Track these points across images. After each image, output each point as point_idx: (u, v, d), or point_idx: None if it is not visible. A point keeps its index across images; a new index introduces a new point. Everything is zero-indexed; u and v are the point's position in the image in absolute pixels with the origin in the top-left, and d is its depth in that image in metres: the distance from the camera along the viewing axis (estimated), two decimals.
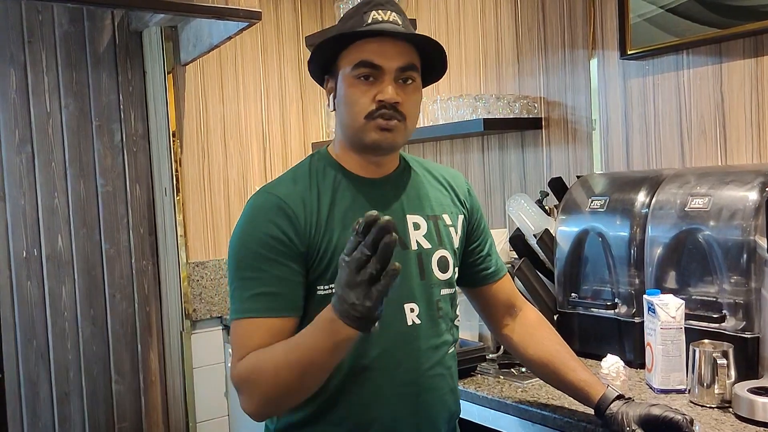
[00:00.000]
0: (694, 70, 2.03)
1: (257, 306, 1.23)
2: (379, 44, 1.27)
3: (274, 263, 1.24)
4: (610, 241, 1.89)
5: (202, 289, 2.96)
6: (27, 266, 2.73)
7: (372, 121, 1.27)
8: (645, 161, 2.17)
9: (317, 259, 1.26)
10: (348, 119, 1.30)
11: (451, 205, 1.44)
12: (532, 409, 1.60)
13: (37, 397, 2.76)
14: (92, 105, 2.85)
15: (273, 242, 1.24)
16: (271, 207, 1.27)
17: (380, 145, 1.29)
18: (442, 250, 1.38)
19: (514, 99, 2.47)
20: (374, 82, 1.27)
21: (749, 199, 1.61)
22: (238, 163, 3.11)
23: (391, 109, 1.27)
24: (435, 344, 1.35)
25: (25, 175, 2.73)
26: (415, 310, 1.32)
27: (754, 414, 1.41)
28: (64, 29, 2.79)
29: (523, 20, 2.53)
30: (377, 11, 1.29)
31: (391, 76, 1.27)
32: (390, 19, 1.29)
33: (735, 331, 1.61)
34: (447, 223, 1.41)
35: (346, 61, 1.29)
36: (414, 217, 1.37)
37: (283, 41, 3.22)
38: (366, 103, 1.27)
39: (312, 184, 1.31)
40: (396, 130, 1.29)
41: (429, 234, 1.37)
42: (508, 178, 2.64)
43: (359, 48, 1.28)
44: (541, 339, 1.51)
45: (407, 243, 1.34)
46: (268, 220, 1.25)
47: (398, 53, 1.28)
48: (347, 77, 1.29)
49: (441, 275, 1.37)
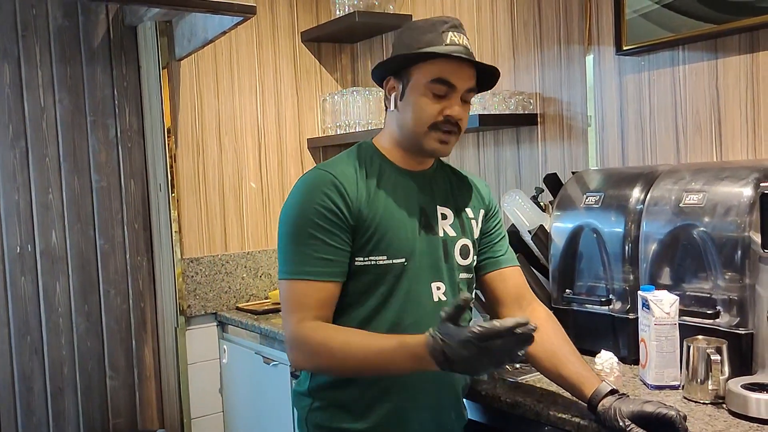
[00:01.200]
0: (689, 65, 2.03)
1: (314, 270, 1.41)
2: (457, 67, 1.44)
3: (327, 233, 1.41)
4: (604, 237, 1.89)
5: (196, 285, 2.96)
6: (21, 262, 2.72)
7: (434, 132, 1.46)
8: (640, 157, 2.17)
9: (361, 233, 1.43)
10: (412, 123, 1.47)
11: (474, 201, 1.63)
12: (527, 404, 1.60)
13: (31, 392, 2.75)
14: (87, 100, 2.84)
15: (328, 213, 1.41)
16: (325, 182, 1.43)
17: (436, 153, 1.51)
18: (465, 239, 1.57)
19: (510, 95, 2.46)
20: (443, 98, 1.44)
21: (744, 195, 1.61)
22: (233, 159, 3.10)
23: (454, 125, 1.46)
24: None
25: (19, 170, 2.71)
26: (441, 288, 1.50)
27: (747, 410, 1.41)
28: (58, 23, 2.77)
29: (519, 16, 2.53)
30: (454, 33, 1.45)
31: (459, 95, 1.45)
32: (464, 44, 1.46)
33: (729, 327, 1.61)
34: (470, 216, 1.60)
35: (423, 72, 1.44)
36: (443, 209, 1.56)
37: (278, 36, 3.21)
38: (433, 114, 1.44)
39: (360, 167, 1.49)
40: (450, 142, 1.48)
41: (454, 224, 1.56)
42: (504, 174, 2.63)
43: (439, 65, 1.43)
44: (547, 333, 1.54)
45: (436, 230, 1.52)
46: (324, 194, 1.42)
47: (469, 76, 1.47)
48: (421, 86, 1.44)
49: (462, 261, 1.55)
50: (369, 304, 1.46)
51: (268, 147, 3.19)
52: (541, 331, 1.54)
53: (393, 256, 1.45)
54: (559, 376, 1.50)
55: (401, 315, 1.45)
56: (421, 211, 1.51)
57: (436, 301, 1.49)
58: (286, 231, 1.45)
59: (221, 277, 3.03)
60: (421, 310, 1.47)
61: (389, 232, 1.45)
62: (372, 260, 1.44)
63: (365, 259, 1.44)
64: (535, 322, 1.57)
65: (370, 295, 1.45)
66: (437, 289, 1.50)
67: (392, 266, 1.45)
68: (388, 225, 1.45)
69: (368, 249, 1.44)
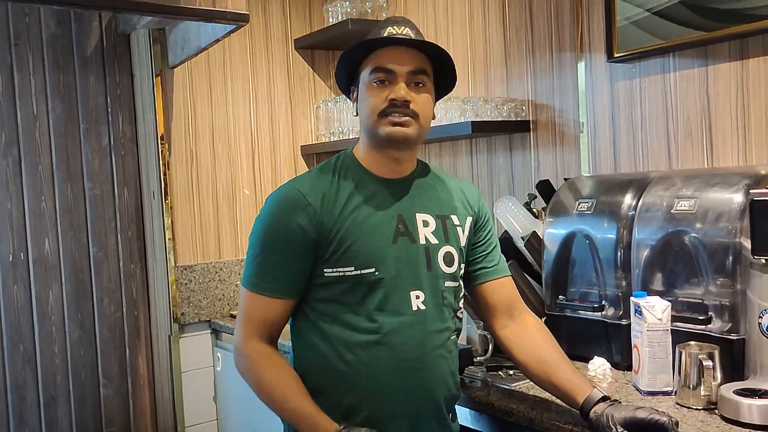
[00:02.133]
0: (680, 72, 2.04)
1: (264, 285, 1.46)
2: (392, 52, 1.45)
3: (287, 250, 1.44)
4: (597, 244, 1.90)
5: (190, 293, 2.95)
6: (14, 270, 2.71)
7: (384, 118, 1.44)
8: (632, 163, 2.18)
9: (328, 242, 1.44)
10: (364, 118, 1.48)
11: (460, 208, 1.59)
12: (520, 411, 1.60)
13: (24, 401, 2.74)
14: (80, 108, 2.83)
15: (289, 233, 1.44)
16: (292, 199, 1.46)
17: (392, 137, 1.45)
18: (449, 246, 1.53)
19: (502, 102, 2.47)
20: (388, 85, 1.44)
21: (735, 201, 1.62)
22: (226, 167, 3.10)
23: (402, 106, 1.43)
24: (439, 328, 1.50)
25: (11, 178, 2.71)
26: (420, 297, 1.48)
27: (739, 416, 1.41)
28: (51, 31, 2.77)
29: (511, 23, 2.54)
30: (393, 27, 1.46)
31: (403, 79, 1.44)
32: (403, 33, 1.46)
33: (721, 332, 1.62)
34: (455, 223, 1.56)
35: (365, 68, 1.47)
36: (423, 216, 1.53)
37: (271, 44, 3.22)
38: (379, 102, 1.44)
39: (334, 179, 1.49)
40: (408, 124, 1.44)
41: (437, 231, 1.53)
42: (496, 180, 2.64)
43: (376, 56, 1.46)
44: (537, 342, 1.57)
45: (416, 237, 1.50)
46: (287, 212, 1.45)
47: (409, 59, 1.45)
48: (365, 82, 1.47)
49: (446, 268, 1.52)
50: (345, 314, 1.46)
51: (261, 154, 3.20)
52: (531, 339, 1.58)
53: (361, 267, 1.44)
54: (550, 384, 1.50)
55: (379, 324, 1.45)
56: (398, 219, 1.49)
57: (415, 310, 1.47)
58: (251, 242, 1.50)
59: (215, 284, 3.02)
60: (400, 319, 1.46)
61: (355, 244, 1.44)
62: (340, 271, 1.45)
63: (333, 270, 1.45)
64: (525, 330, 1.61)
65: (344, 305, 1.46)
66: (416, 297, 1.48)
67: (362, 277, 1.44)
68: (355, 236, 1.45)
69: (333, 260, 1.45)
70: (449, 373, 1.53)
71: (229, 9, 2.29)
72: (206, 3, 2.24)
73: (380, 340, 1.44)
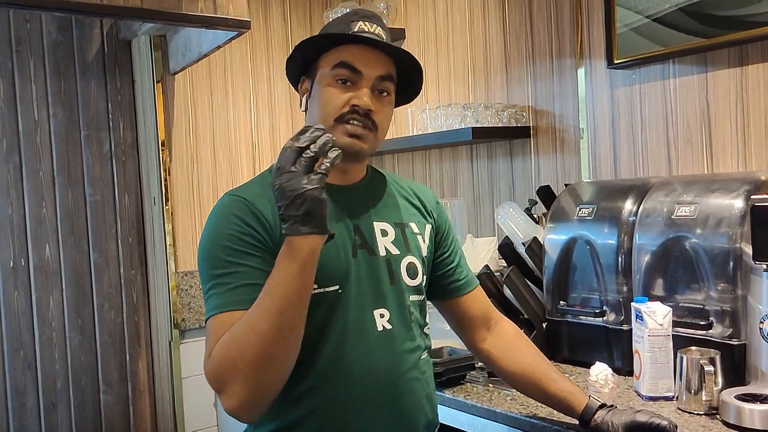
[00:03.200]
0: (680, 79, 2.05)
1: (235, 299, 1.20)
2: (361, 50, 1.29)
3: (246, 255, 1.22)
4: (598, 249, 1.90)
5: (191, 299, 2.95)
6: (14, 276, 2.71)
7: (341, 125, 1.28)
8: (632, 169, 2.19)
9: None
10: (318, 118, 1.30)
11: (417, 215, 1.45)
12: (522, 417, 1.60)
13: (24, 407, 2.73)
14: (81, 114, 2.84)
15: (242, 236, 1.23)
16: (237, 206, 1.26)
17: (347, 149, 1.25)
18: (410, 256, 1.39)
19: (503, 108, 2.48)
20: (351, 87, 1.29)
21: (735, 206, 1.62)
22: (227, 172, 3.10)
23: (363, 116, 1.28)
24: (410, 348, 1.35)
25: (12, 184, 2.71)
26: (385, 316, 1.32)
27: (741, 421, 1.42)
28: (52, 38, 2.78)
29: (511, 29, 2.55)
30: (364, 22, 1.31)
31: (369, 83, 1.29)
32: (375, 32, 1.31)
33: (722, 338, 1.62)
34: (414, 231, 1.42)
35: (326, 62, 1.31)
36: (381, 224, 1.37)
37: (272, 50, 3.23)
38: (339, 105, 1.28)
39: None
40: (365, 138, 1.29)
41: (397, 240, 1.38)
42: (497, 186, 2.65)
43: (341, 51, 1.29)
44: (520, 351, 1.50)
45: (375, 249, 1.34)
46: (235, 217, 1.24)
47: (379, 63, 1.30)
48: (325, 77, 1.30)
49: (410, 281, 1.38)
50: (305, 340, 1.19)
51: (262, 159, 3.20)
52: (515, 350, 1.50)
53: (325, 284, 1.25)
54: (544, 395, 1.45)
55: (342, 348, 1.27)
56: (355, 230, 1.33)
57: (380, 330, 1.31)
58: (202, 268, 1.25)
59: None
60: (364, 342, 1.29)
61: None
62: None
63: None
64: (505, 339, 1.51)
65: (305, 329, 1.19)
66: (380, 316, 1.31)
67: (325, 296, 1.26)
68: None
69: None
70: (425, 396, 1.37)
71: (231, 16, 2.30)
72: (208, 10, 2.25)
73: (345, 368, 1.27)
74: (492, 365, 1.53)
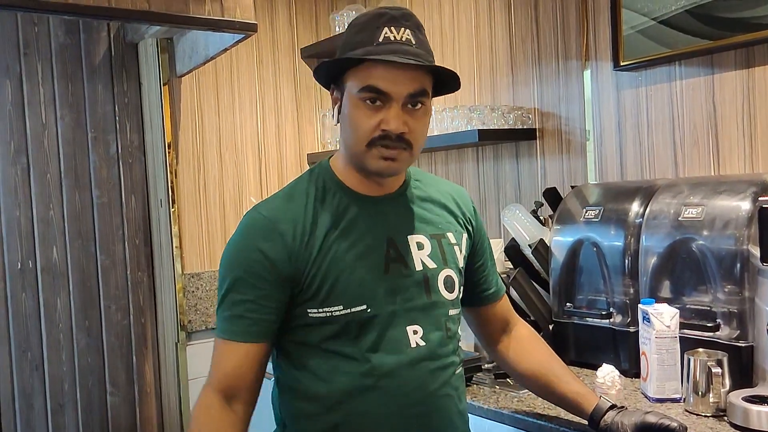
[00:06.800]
0: (686, 81, 2.05)
1: (235, 329, 1.24)
2: (390, 69, 1.20)
3: (256, 289, 1.23)
4: (604, 251, 1.90)
5: (197, 301, 2.96)
6: (22, 278, 2.73)
7: (374, 149, 1.23)
8: (639, 171, 2.18)
9: (307, 280, 1.24)
10: (351, 142, 1.26)
11: (455, 224, 1.40)
12: (528, 418, 1.60)
13: (32, 409, 2.74)
14: (88, 116, 2.85)
15: (256, 267, 1.23)
16: (259, 229, 1.25)
17: (382, 173, 1.26)
18: (448, 269, 1.34)
19: (509, 110, 2.48)
20: (380, 107, 1.21)
21: (742, 208, 1.62)
22: (233, 175, 3.11)
23: (396, 140, 1.22)
24: (443, 365, 1.32)
25: (20, 186, 2.72)
26: (418, 332, 1.28)
27: (749, 422, 1.42)
28: (60, 41, 2.79)
29: (517, 32, 2.55)
30: (389, 28, 1.21)
31: (399, 102, 1.21)
32: (403, 39, 1.21)
33: (729, 339, 1.62)
34: (451, 242, 1.37)
35: (354, 79, 1.23)
36: (417, 237, 1.33)
37: (278, 53, 3.24)
38: (369, 129, 1.22)
39: (308, 203, 1.28)
40: (399, 159, 1.24)
41: (434, 253, 1.33)
42: (503, 188, 2.65)
43: (368, 69, 1.21)
44: (534, 353, 1.51)
45: (410, 264, 1.30)
46: (254, 244, 1.24)
47: (409, 79, 1.21)
48: (353, 97, 1.23)
49: (448, 295, 1.33)
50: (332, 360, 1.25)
51: (268, 162, 3.21)
52: (531, 352, 1.51)
53: (350, 305, 1.23)
54: (555, 396, 1.46)
55: (372, 365, 1.25)
56: (389, 244, 1.29)
57: (414, 347, 1.27)
58: (220, 275, 1.29)
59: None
60: (397, 360, 1.26)
61: (343, 277, 1.24)
62: (327, 311, 1.23)
63: (320, 310, 1.24)
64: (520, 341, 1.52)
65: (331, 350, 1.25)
66: (414, 333, 1.28)
67: (352, 316, 1.24)
68: (340, 269, 1.24)
69: (320, 299, 1.24)
70: (457, 413, 1.34)
71: (237, 18, 2.31)
72: (214, 12, 2.26)
73: (375, 384, 1.25)
74: (506, 367, 1.55)
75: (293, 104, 3.28)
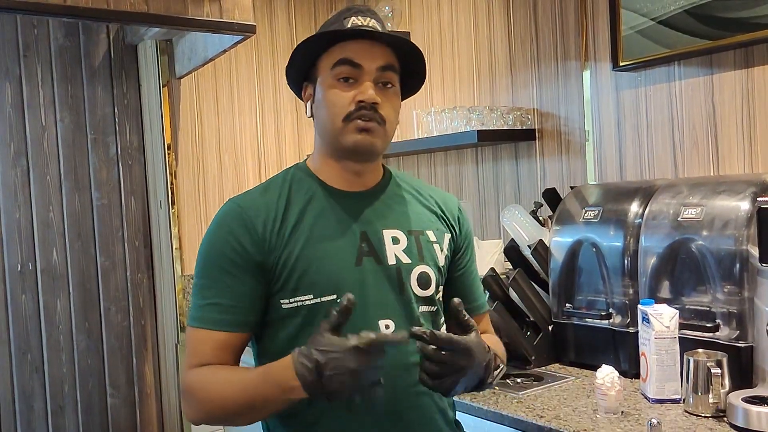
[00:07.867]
0: (685, 81, 2.05)
1: (208, 317, 1.24)
2: (358, 45, 1.27)
3: (228, 275, 1.24)
4: (603, 252, 1.90)
5: None
6: (22, 279, 2.73)
7: (350, 123, 1.26)
8: (638, 172, 2.18)
9: (277, 269, 1.24)
10: (326, 121, 1.29)
11: (437, 222, 1.39)
12: (528, 420, 1.60)
13: (32, 410, 2.74)
14: (87, 118, 2.85)
15: (230, 254, 1.24)
16: (232, 218, 1.27)
17: (359, 147, 1.27)
18: (423, 265, 1.32)
19: (508, 111, 2.48)
20: (354, 84, 1.27)
21: (741, 209, 1.62)
22: (233, 176, 3.12)
23: (370, 110, 1.25)
24: (416, 361, 1.22)
25: (20, 188, 2.73)
26: (390, 327, 1.26)
27: (748, 423, 1.42)
28: (59, 43, 2.80)
29: (516, 32, 2.55)
30: (357, 17, 1.29)
31: (371, 76, 1.27)
32: (369, 25, 1.29)
33: (729, 340, 1.62)
34: (431, 239, 1.35)
35: (325, 62, 1.29)
36: (393, 232, 1.32)
37: (277, 54, 3.24)
38: (345, 104, 1.26)
39: (282, 195, 1.30)
40: (375, 132, 1.27)
41: (409, 249, 1.32)
42: (503, 189, 2.65)
43: (339, 49, 1.28)
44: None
45: (383, 257, 1.29)
46: (228, 231, 1.26)
47: (378, 54, 1.28)
48: (327, 79, 1.28)
49: (420, 291, 1.31)
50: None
51: (267, 163, 3.21)
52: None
53: (321, 294, 1.23)
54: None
55: None
56: (362, 237, 1.29)
57: None
58: (195, 273, 1.29)
59: None
60: None
61: (313, 266, 1.24)
62: (298, 301, 1.24)
63: (291, 300, 1.24)
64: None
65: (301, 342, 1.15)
66: (385, 327, 1.26)
67: (321, 305, 1.23)
68: (311, 258, 1.24)
69: (291, 288, 1.24)
70: (437, 410, 1.30)
71: (236, 20, 2.31)
72: (213, 14, 2.26)
73: None
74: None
75: (292, 105, 3.28)
